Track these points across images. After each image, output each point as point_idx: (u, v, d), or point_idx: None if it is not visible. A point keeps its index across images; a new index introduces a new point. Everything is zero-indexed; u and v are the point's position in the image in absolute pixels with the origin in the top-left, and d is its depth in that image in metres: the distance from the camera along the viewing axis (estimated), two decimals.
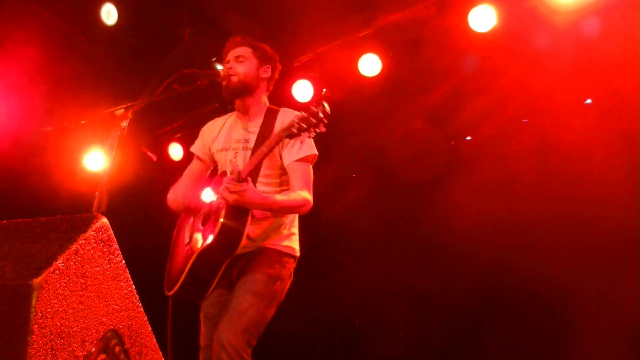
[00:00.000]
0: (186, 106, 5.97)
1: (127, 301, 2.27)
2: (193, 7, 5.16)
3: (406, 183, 6.04)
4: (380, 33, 4.98)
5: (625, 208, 4.74)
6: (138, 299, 2.33)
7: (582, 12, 4.32)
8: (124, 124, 2.85)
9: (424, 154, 5.93)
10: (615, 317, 4.70)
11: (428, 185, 5.85)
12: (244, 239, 2.94)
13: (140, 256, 3.94)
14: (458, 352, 5.51)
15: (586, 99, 5.23)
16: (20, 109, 5.47)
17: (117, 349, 2.21)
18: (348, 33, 5.06)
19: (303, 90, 5.39)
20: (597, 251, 4.91)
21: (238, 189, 2.84)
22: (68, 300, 2.00)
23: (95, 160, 6.17)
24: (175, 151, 6.44)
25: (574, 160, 5.11)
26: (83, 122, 3.69)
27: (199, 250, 2.95)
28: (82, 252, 2.08)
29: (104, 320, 2.15)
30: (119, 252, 2.26)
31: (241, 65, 3.30)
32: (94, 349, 2.09)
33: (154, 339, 2.41)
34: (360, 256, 6.24)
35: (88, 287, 2.09)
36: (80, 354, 2.03)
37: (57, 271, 1.97)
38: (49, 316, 1.92)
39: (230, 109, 3.50)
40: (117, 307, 2.22)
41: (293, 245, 3.26)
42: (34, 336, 1.86)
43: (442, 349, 5.55)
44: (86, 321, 2.07)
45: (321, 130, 2.83)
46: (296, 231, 3.32)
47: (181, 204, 3.36)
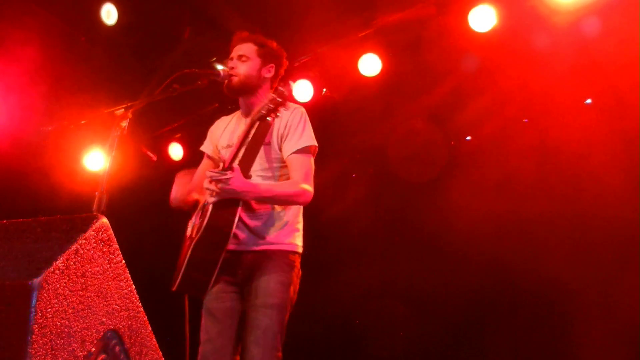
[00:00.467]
0: (186, 106, 5.97)
1: (127, 301, 2.27)
2: (193, 7, 5.16)
3: (406, 183, 6.04)
4: (380, 33, 4.98)
5: (625, 208, 4.74)
6: (138, 299, 2.33)
7: (582, 12, 4.32)
8: (124, 124, 2.85)
9: (424, 154, 5.93)
10: (615, 317, 4.70)
11: (428, 185, 5.85)
12: (232, 232, 2.92)
13: (140, 256, 3.94)
14: (458, 352, 5.51)
15: (586, 99, 5.23)
16: (20, 109, 5.47)
17: (117, 349, 2.21)
18: (348, 33, 5.06)
19: (303, 90, 5.39)
20: (597, 251, 4.91)
21: (222, 177, 2.83)
22: (68, 300, 2.00)
23: (95, 160, 6.17)
24: (175, 151, 6.44)
25: (574, 160, 5.12)
26: (83, 122, 3.70)
27: (193, 244, 2.94)
28: (82, 252, 2.08)
29: (104, 320, 2.15)
30: (119, 252, 2.26)
31: (243, 65, 3.29)
32: (94, 349, 2.09)
33: (154, 339, 2.41)
34: (360, 256, 6.24)
35: (88, 287, 2.09)
36: (80, 353, 2.03)
37: (57, 271, 1.97)
38: (49, 316, 1.92)
39: (232, 109, 3.50)
40: (117, 307, 2.22)
41: (297, 242, 3.23)
42: (34, 336, 1.86)
43: (442, 349, 5.55)
44: (86, 321, 2.07)
45: (287, 107, 2.95)
46: (300, 227, 3.29)
47: (182, 200, 3.33)
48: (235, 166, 2.89)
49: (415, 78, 5.31)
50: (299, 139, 3.13)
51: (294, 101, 2.92)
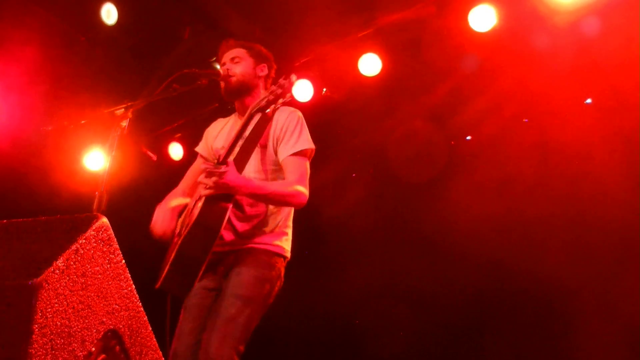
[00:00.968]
0: (186, 106, 5.97)
1: (127, 301, 2.27)
2: (193, 7, 5.16)
3: (406, 183, 6.04)
4: (380, 33, 4.99)
5: (625, 208, 4.74)
6: (138, 298, 2.33)
7: (582, 12, 4.32)
8: (124, 123, 2.84)
9: (424, 154, 5.93)
10: (615, 317, 4.70)
11: (428, 185, 5.86)
12: (222, 227, 2.85)
13: (140, 256, 3.93)
14: (458, 352, 5.51)
15: (586, 99, 5.23)
16: (20, 109, 5.47)
17: (117, 348, 2.21)
18: (348, 33, 5.06)
19: (303, 90, 5.39)
20: (597, 251, 4.91)
21: (216, 171, 2.78)
22: (68, 300, 2.00)
23: (95, 160, 6.17)
24: (175, 151, 6.44)
25: (574, 160, 5.12)
26: (83, 122, 3.70)
27: (180, 241, 2.88)
28: (82, 252, 2.08)
29: (104, 320, 2.15)
30: (119, 252, 2.26)
31: (238, 66, 3.31)
32: (94, 349, 2.09)
33: (154, 339, 2.41)
34: (360, 256, 6.24)
35: (88, 287, 2.09)
36: (80, 353, 2.03)
37: (57, 271, 1.97)
38: (49, 316, 1.92)
39: (231, 109, 3.50)
40: (117, 307, 2.22)
41: (283, 246, 3.17)
42: (34, 336, 1.86)
43: (442, 349, 5.55)
44: (86, 321, 2.07)
45: (286, 99, 2.85)
46: (289, 232, 3.23)
47: (163, 228, 3.17)
48: (229, 161, 2.85)
49: (415, 78, 5.31)
50: (296, 142, 3.11)
51: (291, 94, 2.87)
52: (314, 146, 3.17)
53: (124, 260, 2.28)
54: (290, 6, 4.84)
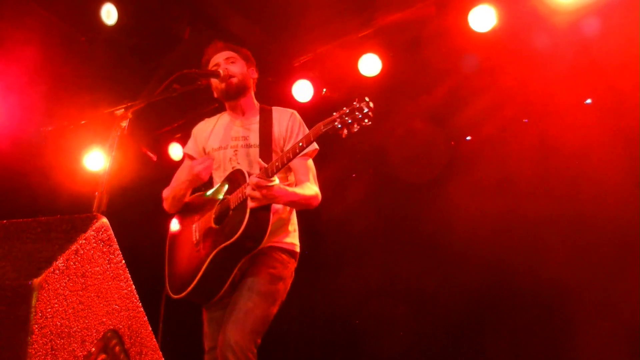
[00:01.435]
0: (186, 106, 5.97)
1: (127, 301, 2.27)
2: (193, 7, 5.15)
3: (406, 183, 6.03)
4: (380, 33, 4.99)
5: (625, 208, 4.74)
6: (138, 299, 2.33)
7: (582, 12, 4.32)
8: (124, 124, 2.84)
9: (424, 154, 5.93)
10: (615, 317, 4.69)
11: (428, 185, 5.85)
12: (267, 235, 2.95)
13: (140, 256, 3.93)
14: (458, 352, 5.51)
15: (586, 99, 5.23)
16: (20, 109, 5.47)
17: (117, 349, 2.21)
18: (348, 33, 5.06)
19: (303, 90, 5.39)
20: (597, 251, 4.91)
21: (267, 184, 2.86)
22: (68, 300, 2.00)
23: (95, 160, 6.17)
24: (175, 151, 6.44)
25: (574, 160, 5.11)
26: (83, 122, 3.70)
27: (217, 251, 2.96)
28: (82, 252, 2.08)
29: (104, 320, 2.15)
30: (119, 252, 2.26)
31: (235, 66, 3.33)
32: (94, 349, 2.09)
33: (154, 339, 2.41)
34: (360, 256, 6.24)
35: (88, 287, 2.09)
36: (80, 354, 2.03)
37: (57, 271, 1.97)
38: (49, 316, 1.92)
39: (219, 108, 3.51)
40: (117, 307, 2.22)
41: (294, 242, 3.29)
42: (34, 336, 1.86)
43: (442, 349, 5.55)
44: (86, 321, 2.07)
45: (366, 124, 2.85)
46: (296, 228, 3.35)
47: (179, 203, 3.33)
48: (275, 175, 2.92)
49: (415, 78, 5.31)
50: None
51: (365, 114, 2.82)
52: (317, 147, 3.23)
53: (124, 261, 2.28)
54: (290, 6, 4.84)
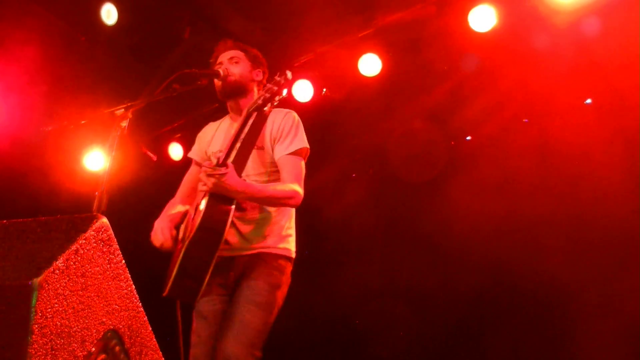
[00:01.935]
0: (186, 106, 5.97)
1: (127, 301, 2.27)
2: (193, 7, 5.16)
3: (406, 183, 6.04)
4: (380, 33, 4.98)
5: (625, 208, 4.74)
6: (138, 299, 2.33)
7: (582, 12, 4.32)
8: (124, 124, 2.84)
9: (424, 154, 5.93)
10: (615, 317, 4.69)
11: (428, 185, 5.85)
12: (226, 229, 2.85)
13: (140, 256, 3.93)
14: (458, 352, 5.51)
15: (586, 99, 5.23)
16: (20, 109, 5.47)
17: (117, 348, 2.21)
18: (348, 33, 5.06)
19: (303, 90, 5.39)
20: (597, 251, 4.91)
21: (216, 172, 2.79)
22: (68, 300, 2.00)
23: (95, 160, 6.17)
24: (175, 151, 6.44)
25: (574, 160, 5.11)
26: (83, 122, 3.69)
27: (185, 246, 2.88)
28: (82, 252, 2.08)
29: (104, 320, 2.15)
30: (119, 252, 2.26)
31: (237, 66, 3.32)
32: (94, 349, 2.09)
33: (154, 339, 2.41)
34: (360, 256, 6.24)
35: (88, 287, 2.09)
36: (80, 354, 2.03)
37: (57, 271, 1.97)
38: (49, 316, 1.92)
39: (225, 112, 3.50)
40: (117, 307, 2.22)
41: (289, 247, 3.21)
42: (34, 336, 1.86)
43: (442, 349, 5.55)
44: (86, 321, 2.07)
45: (283, 95, 2.88)
46: (293, 232, 3.26)
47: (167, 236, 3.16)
48: (229, 163, 2.85)
49: (415, 78, 5.31)
50: (291, 141, 3.13)
51: (289, 88, 2.88)
52: (308, 146, 3.19)
53: (124, 261, 2.28)
54: (290, 6, 4.84)
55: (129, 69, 5.54)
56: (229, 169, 2.82)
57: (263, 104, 2.88)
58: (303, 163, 3.18)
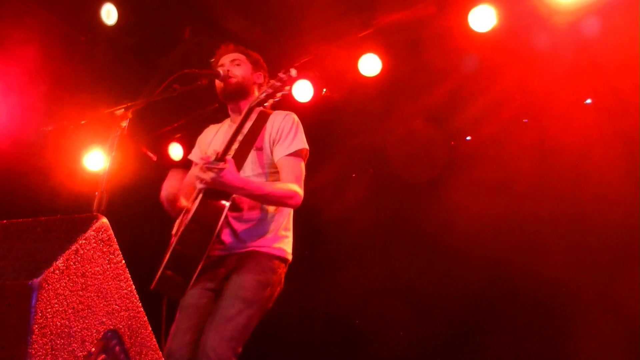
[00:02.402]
0: (186, 106, 5.97)
1: (127, 301, 2.27)
2: (193, 7, 5.16)
3: (406, 183, 6.04)
4: (380, 33, 4.99)
5: (625, 208, 4.74)
6: (138, 299, 2.33)
7: (582, 12, 4.32)
8: (124, 124, 2.84)
9: (424, 154, 5.93)
10: (615, 317, 4.70)
11: (428, 185, 5.85)
12: (219, 226, 2.82)
13: (140, 256, 3.93)
14: (458, 352, 5.51)
15: (586, 99, 5.23)
16: (20, 109, 5.47)
17: (117, 349, 2.21)
18: (348, 33, 5.06)
19: (303, 90, 5.39)
20: (597, 251, 4.91)
21: (215, 166, 2.76)
22: (68, 300, 2.00)
23: (95, 160, 6.17)
24: (175, 151, 6.45)
25: (574, 160, 5.11)
26: (83, 122, 3.69)
27: (176, 239, 2.86)
28: (82, 252, 2.08)
29: (104, 320, 2.15)
30: (119, 252, 2.25)
31: (238, 68, 3.32)
32: (94, 349, 2.09)
33: (154, 339, 2.41)
34: (360, 256, 6.24)
35: (88, 287, 2.09)
36: (80, 354, 2.03)
37: (57, 271, 1.97)
38: (49, 316, 1.92)
39: (226, 114, 3.50)
40: (117, 307, 2.22)
41: (285, 248, 3.16)
42: (34, 336, 1.86)
43: (442, 349, 5.55)
44: (86, 321, 2.07)
45: (285, 92, 2.86)
46: (290, 234, 3.23)
47: (171, 200, 3.18)
48: (228, 158, 2.83)
49: (415, 78, 5.31)
50: (291, 142, 3.12)
51: (284, 81, 2.88)
52: (308, 147, 3.18)
53: (124, 261, 2.28)
54: (290, 6, 4.84)
55: (129, 69, 5.55)
56: (227, 163, 2.80)
57: (265, 99, 2.89)
58: (303, 164, 3.16)
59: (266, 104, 2.93)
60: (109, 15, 5.05)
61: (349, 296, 5.98)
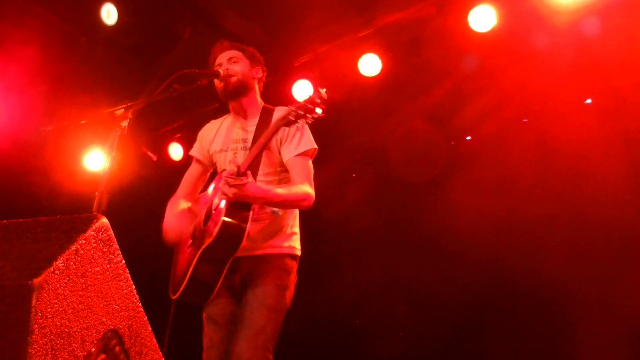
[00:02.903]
0: (186, 106, 5.97)
1: (127, 301, 2.27)
2: (193, 7, 5.16)
3: (406, 183, 6.04)
4: (380, 33, 4.99)
5: (625, 208, 4.74)
6: (138, 299, 2.33)
7: (582, 12, 4.32)
8: (124, 124, 2.84)
9: (424, 154, 5.93)
10: (615, 317, 4.70)
11: (428, 185, 5.85)
12: (246, 235, 2.91)
13: (140, 256, 3.94)
14: (458, 352, 5.51)
15: (586, 99, 5.23)
16: (20, 109, 5.47)
17: (117, 349, 2.21)
18: (348, 33, 5.06)
19: (303, 90, 5.39)
20: (597, 251, 4.91)
21: (238, 183, 2.81)
22: (68, 300, 2.00)
23: (95, 160, 6.18)
24: (175, 151, 6.44)
25: (574, 160, 5.11)
26: (83, 122, 3.69)
27: (201, 251, 2.93)
28: (82, 252, 2.08)
29: (104, 320, 2.15)
30: (119, 252, 2.26)
31: (236, 66, 3.32)
32: (94, 349, 2.09)
33: (154, 339, 2.41)
34: (360, 256, 6.24)
35: (88, 287, 2.09)
36: (80, 354, 2.03)
37: (57, 271, 1.97)
38: (49, 316, 1.92)
39: (226, 110, 3.50)
40: (117, 307, 2.22)
41: (294, 245, 3.24)
42: (34, 336, 1.86)
43: (442, 349, 5.55)
44: (86, 321, 2.07)
45: (318, 115, 2.85)
46: (297, 230, 3.30)
47: (176, 233, 3.23)
48: (248, 172, 2.88)
49: (415, 78, 5.31)
50: (299, 142, 3.14)
51: (316, 103, 2.85)
52: (316, 146, 3.20)
53: (124, 261, 2.28)
54: (290, 6, 4.84)
55: (129, 69, 5.55)
56: (249, 178, 2.85)
57: (294, 120, 2.87)
58: (311, 163, 3.20)
59: (297, 124, 2.89)
60: (109, 15, 5.05)
61: (349, 296, 5.98)
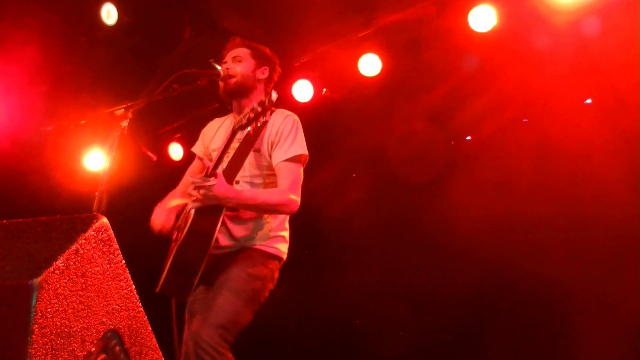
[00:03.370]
0: (186, 106, 5.97)
1: (127, 301, 2.27)
2: (193, 7, 5.16)
3: (406, 183, 6.03)
4: (380, 33, 4.99)
5: (625, 208, 4.74)
6: (138, 299, 2.33)
7: (582, 12, 4.32)
8: (124, 124, 2.85)
9: (424, 154, 5.93)
10: (615, 317, 4.70)
11: (428, 185, 5.85)
12: (214, 237, 2.90)
13: (140, 256, 3.93)
14: (458, 352, 5.51)
15: (586, 99, 5.23)
16: (20, 109, 5.47)
17: (117, 348, 2.21)
18: (348, 33, 5.06)
19: (303, 90, 5.39)
20: (597, 251, 4.91)
21: (205, 184, 2.81)
22: (68, 300, 2.00)
23: (95, 160, 6.18)
24: (175, 151, 6.44)
25: (574, 160, 5.11)
26: (83, 122, 3.70)
27: (177, 247, 2.94)
28: (82, 252, 2.08)
29: (104, 320, 2.15)
30: (119, 252, 2.26)
31: (238, 66, 3.31)
32: (94, 349, 2.09)
33: (154, 339, 2.41)
34: (360, 256, 6.24)
35: (88, 287, 2.09)
36: (80, 353, 2.04)
37: (57, 271, 1.97)
38: (49, 316, 1.92)
39: (230, 110, 3.50)
40: (117, 307, 2.22)
41: (279, 247, 3.19)
42: (34, 336, 1.86)
43: (442, 349, 5.55)
44: (86, 321, 2.07)
45: (267, 119, 2.82)
46: (286, 234, 3.25)
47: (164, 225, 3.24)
48: (218, 172, 2.87)
49: (415, 78, 5.31)
50: (289, 147, 3.11)
51: (265, 106, 2.82)
52: (307, 152, 3.16)
53: (124, 261, 2.28)
54: (290, 6, 4.84)
55: (129, 69, 5.55)
56: (217, 178, 2.84)
57: (247, 124, 2.84)
58: (301, 169, 3.16)
59: (248, 128, 2.84)
60: (109, 15, 5.05)
61: (349, 296, 5.98)
